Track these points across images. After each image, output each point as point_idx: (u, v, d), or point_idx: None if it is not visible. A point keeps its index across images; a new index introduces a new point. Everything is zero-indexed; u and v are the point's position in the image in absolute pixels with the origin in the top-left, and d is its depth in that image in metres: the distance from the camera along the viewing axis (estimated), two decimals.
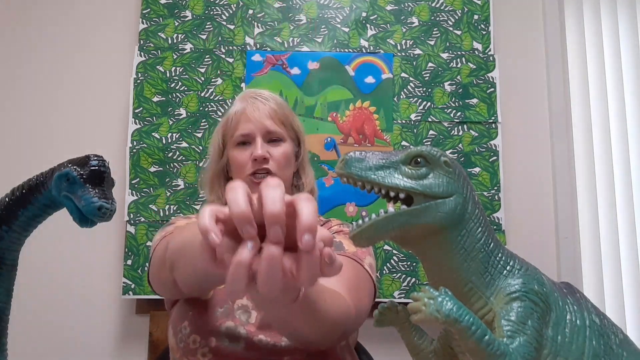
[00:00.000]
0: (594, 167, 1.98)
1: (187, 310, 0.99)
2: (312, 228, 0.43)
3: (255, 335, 0.96)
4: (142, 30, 1.98)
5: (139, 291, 1.82)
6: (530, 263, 0.65)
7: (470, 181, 0.63)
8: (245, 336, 0.96)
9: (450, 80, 1.97)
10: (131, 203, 1.87)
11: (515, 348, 0.55)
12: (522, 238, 1.91)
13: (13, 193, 0.86)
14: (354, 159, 0.59)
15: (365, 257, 1.02)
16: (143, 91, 1.94)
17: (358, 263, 0.99)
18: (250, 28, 1.99)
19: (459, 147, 1.93)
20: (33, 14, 2.04)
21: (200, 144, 1.91)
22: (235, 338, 0.96)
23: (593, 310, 0.65)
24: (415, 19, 2.01)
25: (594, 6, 2.07)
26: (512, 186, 1.94)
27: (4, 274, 0.87)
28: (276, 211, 0.43)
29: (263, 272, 0.43)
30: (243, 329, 0.97)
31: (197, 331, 0.97)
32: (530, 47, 2.05)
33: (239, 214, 0.43)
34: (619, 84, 2.02)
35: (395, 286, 1.85)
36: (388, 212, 0.57)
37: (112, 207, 0.79)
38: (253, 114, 1.10)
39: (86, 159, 0.81)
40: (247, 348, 0.96)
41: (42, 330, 1.85)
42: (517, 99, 2.01)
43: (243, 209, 0.43)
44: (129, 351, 1.85)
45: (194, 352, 0.97)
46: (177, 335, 0.99)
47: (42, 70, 2.01)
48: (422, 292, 0.54)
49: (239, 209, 0.43)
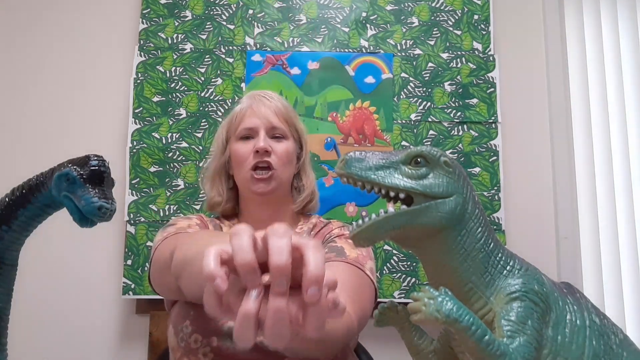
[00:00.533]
0: (594, 167, 1.98)
1: (189, 310, 0.99)
2: (319, 280, 0.42)
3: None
4: (142, 30, 1.98)
5: (139, 291, 1.82)
6: (530, 263, 0.65)
7: (470, 181, 0.63)
8: None
9: (450, 80, 1.97)
10: (131, 203, 1.87)
11: (515, 348, 0.55)
12: (522, 238, 1.91)
13: (13, 193, 0.87)
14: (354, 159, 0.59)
15: (366, 262, 1.02)
16: (143, 91, 1.94)
17: (359, 269, 0.99)
18: (250, 28, 1.99)
19: (459, 147, 1.93)
20: (33, 14, 2.04)
21: (200, 144, 1.91)
22: None
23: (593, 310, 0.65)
24: (415, 19, 2.01)
25: (594, 6, 2.07)
26: (512, 186, 1.94)
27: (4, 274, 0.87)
28: (282, 264, 0.42)
29: (269, 326, 0.42)
30: None
31: (199, 330, 0.97)
32: (530, 47, 2.05)
33: (243, 263, 0.42)
34: (619, 84, 2.02)
35: (395, 286, 1.85)
36: (388, 212, 0.57)
37: (112, 207, 0.79)
38: (259, 109, 1.12)
39: (86, 159, 0.81)
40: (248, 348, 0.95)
41: (42, 330, 1.85)
42: (517, 99, 2.01)
43: (248, 259, 0.42)
44: (129, 351, 1.85)
45: (195, 351, 0.96)
46: (178, 334, 0.99)
47: (42, 70, 2.01)
48: (422, 292, 0.54)
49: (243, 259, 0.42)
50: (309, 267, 0.42)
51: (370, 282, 1.00)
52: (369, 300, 0.99)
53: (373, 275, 1.03)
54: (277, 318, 0.42)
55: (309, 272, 0.42)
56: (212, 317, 0.45)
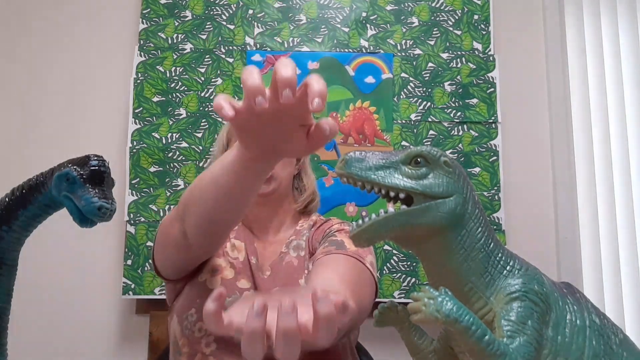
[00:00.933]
0: (594, 167, 1.98)
1: (195, 298, 1.00)
2: (322, 94, 0.49)
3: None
4: (142, 30, 1.98)
5: (139, 291, 1.82)
6: (530, 263, 0.65)
7: (470, 181, 0.63)
8: None
9: (450, 80, 1.97)
10: (131, 203, 1.87)
11: (515, 348, 0.55)
12: (522, 238, 1.91)
13: (13, 193, 0.86)
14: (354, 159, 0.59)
15: (366, 255, 1.03)
16: (143, 91, 1.94)
17: (360, 261, 1.00)
18: (250, 28, 1.99)
19: (459, 147, 1.93)
20: (33, 14, 2.04)
21: (200, 144, 1.91)
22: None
23: (593, 310, 0.65)
24: (415, 19, 2.01)
25: (594, 6, 2.07)
26: (512, 186, 1.94)
27: (4, 274, 0.86)
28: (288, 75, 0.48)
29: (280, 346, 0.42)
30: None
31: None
32: (530, 47, 2.05)
33: (251, 86, 0.48)
34: (618, 84, 2.02)
35: (395, 286, 1.85)
36: (388, 212, 0.57)
37: (112, 207, 0.79)
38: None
39: (86, 159, 0.81)
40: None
41: (42, 331, 1.85)
42: (517, 99, 2.01)
43: (257, 83, 0.48)
44: (129, 351, 1.85)
45: (198, 340, 0.97)
46: (183, 322, 1.00)
47: (42, 70, 2.01)
48: (422, 292, 0.54)
49: (253, 82, 0.48)
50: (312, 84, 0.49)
51: (370, 275, 1.00)
52: (369, 292, 0.99)
53: (373, 269, 1.03)
54: (287, 338, 0.42)
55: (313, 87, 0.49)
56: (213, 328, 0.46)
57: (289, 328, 0.41)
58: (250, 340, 0.42)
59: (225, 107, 0.51)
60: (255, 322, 0.42)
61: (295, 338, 0.42)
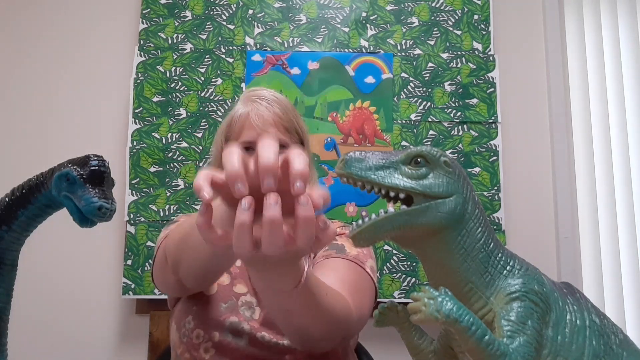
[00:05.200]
0: (594, 167, 1.98)
1: (192, 305, 1.00)
2: (304, 175, 0.46)
3: (258, 332, 0.97)
4: (142, 30, 1.98)
5: (139, 291, 1.82)
6: (530, 263, 0.65)
7: (470, 181, 0.63)
8: (249, 332, 0.97)
9: (450, 80, 1.97)
10: (131, 203, 1.87)
11: (515, 348, 0.55)
12: (522, 238, 1.91)
13: (13, 193, 0.86)
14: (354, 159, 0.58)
15: (367, 260, 1.02)
16: (143, 91, 1.94)
17: (359, 266, 1.00)
18: (250, 28, 1.99)
19: (459, 147, 1.93)
20: (33, 14, 2.04)
21: (200, 144, 1.91)
22: (239, 333, 0.97)
23: (593, 310, 0.64)
24: (415, 19, 2.01)
25: (594, 6, 2.07)
26: (512, 186, 1.94)
27: (4, 274, 0.87)
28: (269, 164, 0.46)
29: (266, 233, 0.46)
30: (246, 325, 0.97)
31: (201, 325, 0.98)
32: (530, 47, 2.05)
33: (231, 171, 0.46)
34: (619, 84, 2.02)
35: (395, 286, 1.85)
36: (388, 212, 0.57)
37: (112, 207, 0.79)
38: (256, 122, 1.05)
39: (86, 159, 0.81)
40: (249, 344, 0.97)
41: (42, 331, 1.85)
42: (517, 99, 2.01)
43: (236, 168, 0.46)
44: (129, 351, 1.85)
45: (196, 347, 0.97)
46: (181, 330, 1.00)
47: (42, 70, 2.01)
48: (422, 292, 0.54)
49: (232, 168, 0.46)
50: (293, 165, 0.47)
51: (370, 280, 1.00)
52: (369, 297, 0.99)
53: (373, 274, 1.03)
54: (272, 226, 0.46)
55: (294, 168, 0.47)
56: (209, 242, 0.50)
57: (273, 216, 0.45)
58: (239, 233, 0.46)
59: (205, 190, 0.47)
60: (244, 215, 0.46)
61: (279, 227, 0.46)
